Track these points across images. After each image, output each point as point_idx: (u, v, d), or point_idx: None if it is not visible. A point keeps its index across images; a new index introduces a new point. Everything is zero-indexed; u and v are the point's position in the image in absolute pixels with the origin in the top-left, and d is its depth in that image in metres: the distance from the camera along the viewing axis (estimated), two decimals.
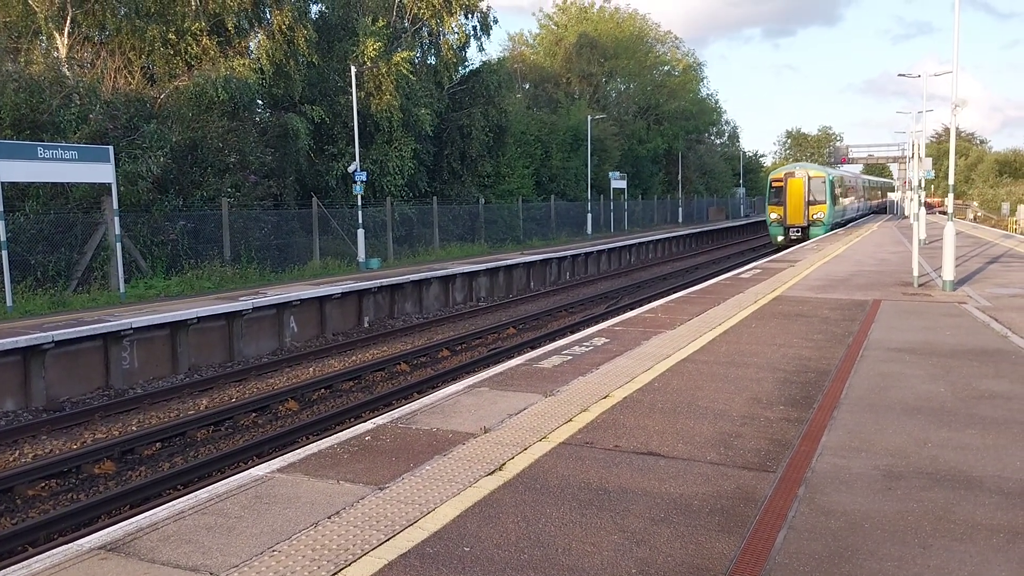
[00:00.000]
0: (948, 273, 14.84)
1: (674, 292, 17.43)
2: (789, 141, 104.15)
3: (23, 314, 14.20)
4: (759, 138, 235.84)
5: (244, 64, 23.30)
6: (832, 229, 36.27)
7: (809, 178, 34.62)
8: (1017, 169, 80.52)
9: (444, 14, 31.84)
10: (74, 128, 18.35)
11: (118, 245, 16.46)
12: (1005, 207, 61.99)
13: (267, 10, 25.22)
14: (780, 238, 34.94)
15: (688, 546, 4.12)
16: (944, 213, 22.24)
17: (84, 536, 4.69)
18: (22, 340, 11.41)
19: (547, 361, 8.79)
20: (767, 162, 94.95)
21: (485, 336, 17.20)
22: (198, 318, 14.17)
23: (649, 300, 19.56)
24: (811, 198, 34.40)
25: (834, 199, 35.98)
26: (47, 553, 4.23)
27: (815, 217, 34.56)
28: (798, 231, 34.51)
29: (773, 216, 35.29)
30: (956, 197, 20.98)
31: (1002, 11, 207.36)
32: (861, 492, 4.85)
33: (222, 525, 4.46)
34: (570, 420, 6.41)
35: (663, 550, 4.08)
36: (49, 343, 11.74)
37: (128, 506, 8.01)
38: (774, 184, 35.56)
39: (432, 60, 33.28)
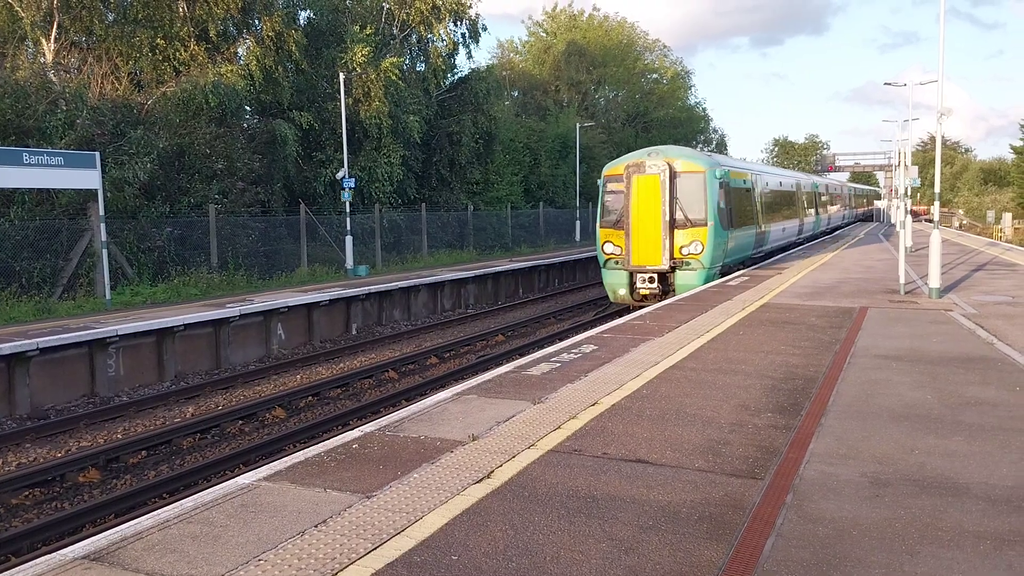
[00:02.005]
0: (934, 280, 14.94)
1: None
2: (776, 149, 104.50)
3: (7, 321, 14.09)
4: (747, 146, 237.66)
5: (232, 70, 23.24)
6: (724, 275, 19.37)
7: (674, 174, 17.81)
8: (1002, 178, 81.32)
9: (432, 21, 31.86)
10: (60, 134, 18.26)
11: (104, 251, 16.35)
12: (990, 215, 62.55)
13: (256, 16, 25.18)
14: (621, 291, 18.61)
15: (676, 554, 4.12)
16: (930, 221, 22.34)
17: (68, 546, 4.63)
18: (6, 347, 11.32)
19: (535, 368, 8.78)
20: None
21: (473, 343, 17.18)
22: (184, 325, 14.09)
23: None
24: (677, 214, 17.81)
25: (728, 216, 18.99)
26: (30, 563, 4.18)
27: (685, 252, 17.81)
28: (652, 280, 18.12)
29: (608, 250, 18.64)
30: (942, 205, 20.89)
31: (987, 22, 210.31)
32: (849, 499, 4.86)
33: (208, 534, 4.42)
34: (558, 427, 6.40)
35: (651, 558, 4.07)
36: (34, 350, 11.64)
37: (113, 515, 7.95)
38: (610, 186, 18.72)
39: (421, 67, 33.29)
